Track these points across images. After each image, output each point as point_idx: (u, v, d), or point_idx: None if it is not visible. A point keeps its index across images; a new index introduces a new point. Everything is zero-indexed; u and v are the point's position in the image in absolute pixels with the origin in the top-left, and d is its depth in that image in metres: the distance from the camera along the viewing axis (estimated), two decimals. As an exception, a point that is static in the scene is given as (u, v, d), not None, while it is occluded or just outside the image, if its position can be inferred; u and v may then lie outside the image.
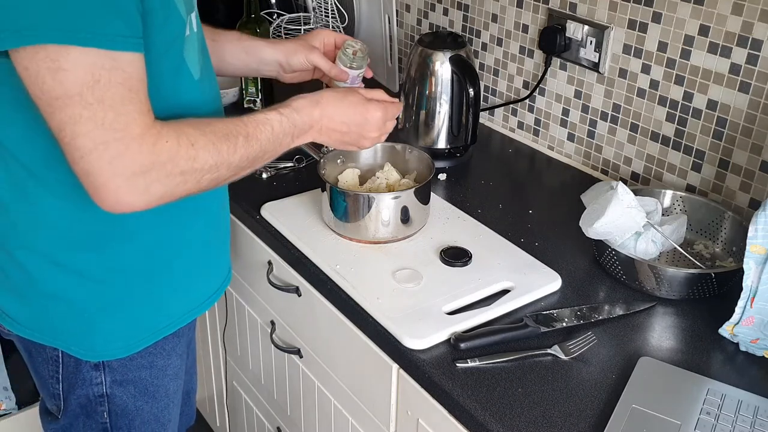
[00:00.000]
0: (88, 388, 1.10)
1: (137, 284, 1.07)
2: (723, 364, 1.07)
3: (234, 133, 0.96)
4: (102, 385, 1.10)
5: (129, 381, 1.12)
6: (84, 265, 1.03)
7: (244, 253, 1.49)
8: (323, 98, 1.10)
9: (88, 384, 1.10)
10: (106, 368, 1.09)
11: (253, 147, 0.98)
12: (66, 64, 0.81)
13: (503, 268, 1.22)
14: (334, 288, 1.20)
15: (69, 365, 1.09)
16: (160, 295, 1.10)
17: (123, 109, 0.85)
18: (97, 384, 1.10)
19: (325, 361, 1.33)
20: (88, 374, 1.09)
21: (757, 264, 1.06)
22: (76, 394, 1.11)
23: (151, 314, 1.10)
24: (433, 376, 1.03)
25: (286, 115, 1.04)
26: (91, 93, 0.83)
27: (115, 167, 0.85)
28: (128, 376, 1.12)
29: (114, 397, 1.12)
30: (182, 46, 0.99)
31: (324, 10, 2.00)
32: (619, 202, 1.16)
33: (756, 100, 1.26)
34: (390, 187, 1.34)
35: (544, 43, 1.57)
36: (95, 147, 0.84)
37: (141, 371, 1.13)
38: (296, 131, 1.06)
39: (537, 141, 1.69)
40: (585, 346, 1.07)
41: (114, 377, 1.11)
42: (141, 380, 1.13)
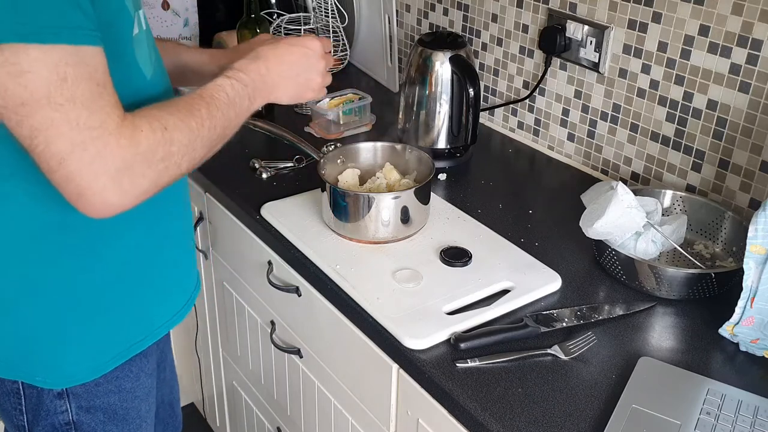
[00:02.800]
0: (53, 418, 1.06)
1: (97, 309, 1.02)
2: (723, 364, 1.07)
3: (196, 106, 0.92)
4: (68, 413, 1.06)
5: (97, 407, 1.08)
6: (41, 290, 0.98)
7: (244, 253, 1.49)
8: (260, 52, 1.06)
9: (52, 413, 1.05)
10: (70, 395, 1.05)
11: (216, 117, 0.95)
12: (28, 65, 0.76)
13: (503, 268, 1.22)
14: (334, 288, 1.20)
15: (31, 396, 1.05)
16: (121, 318, 1.05)
17: (95, 106, 0.80)
18: (61, 412, 1.06)
19: (325, 361, 1.33)
20: (51, 404, 1.05)
21: (757, 264, 1.06)
22: (41, 425, 1.06)
23: (113, 337, 1.06)
24: (433, 376, 1.03)
25: (235, 77, 1.00)
26: (60, 93, 0.78)
27: (97, 167, 0.81)
28: (95, 402, 1.07)
29: (82, 424, 1.08)
30: (132, 45, 0.96)
31: (324, 10, 2.00)
32: (619, 202, 1.16)
33: (756, 100, 1.26)
34: (390, 187, 1.34)
35: (544, 43, 1.57)
36: (73, 149, 0.79)
37: (109, 396, 1.08)
38: (249, 91, 1.02)
39: (537, 141, 1.69)
40: (585, 346, 1.07)
41: (79, 404, 1.06)
42: (110, 405, 1.09)
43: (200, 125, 0.92)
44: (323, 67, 1.13)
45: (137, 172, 0.84)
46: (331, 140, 1.62)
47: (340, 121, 1.67)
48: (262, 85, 1.04)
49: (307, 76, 1.11)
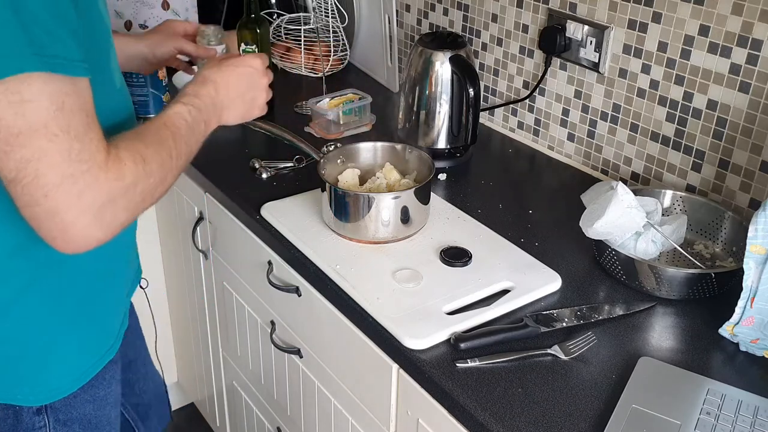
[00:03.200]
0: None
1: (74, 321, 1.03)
2: (723, 364, 1.07)
3: (164, 137, 0.93)
4: (46, 428, 1.06)
5: (73, 419, 1.08)
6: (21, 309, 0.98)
7: (244, 253, 1.49)
8: (207, 76, 1.07)
9: (30, 430, 1.05)
10: (48, 410, 1.04)
11: (181, 145, 0.95)
12: (30, 95, 0.75)
13: (503, 268, 1.22)
14: (334, 288, 1.20)
15: (7, 418, 1.04)
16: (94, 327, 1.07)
17: (86, 138, 0.80)
18: (40, 428, 1.05)
19: (325, 361, 1.33)
20: (30, 421, 1.04)
21: (757, 264, 1.06)
22: None
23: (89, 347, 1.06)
24: (433, 376, 1.03)
25: (191, 103, 1.01)
26: (56, 123, 0.77)
27: (83, 202, 0.79)
28: (72, 414, 1.07)
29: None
30: (109, 55, 0.96)
31: (324, 10, 2.00)
32: (619, 202, 1.16)
33: (756, 100, 1.26)
34: (390, 187, 1.34)
35: (544, 43, 1.57)
36: (62, 182, 0.77)
37: (85, 406, 1.08)
38: (204, 116, 1.02)
39: (537, 141, 1.69)
40: (585, 346, 1.07)
41: (57, 417, 1.06)
42: (85, 416, 1.09)
43: (170, 156, 0.92)
44: (266, 83, 1.15)
45: (120, 205, 0.84)
46: (331, 140, 1.62)
47: (340, 121, 1.67)
48: (213, 108, 1.05)
49: (253, 94, 1.13)
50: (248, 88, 1.12)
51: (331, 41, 2.00)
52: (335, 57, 2.00)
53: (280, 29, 2.03)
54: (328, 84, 1.86)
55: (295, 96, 1.87)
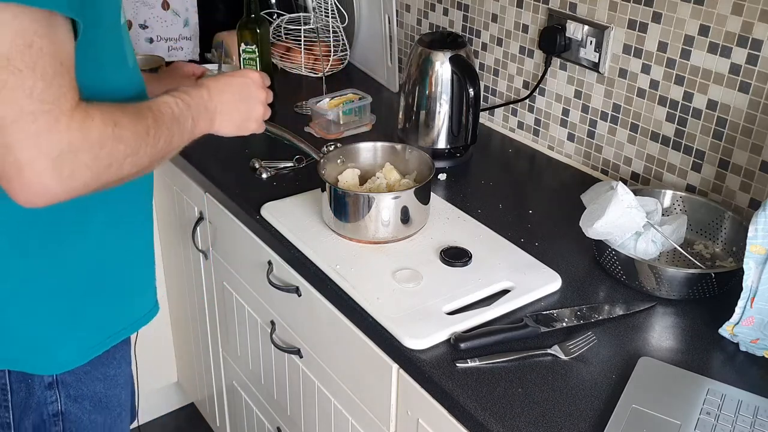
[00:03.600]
0: (43, 409, 1.06)
1: (88, 294, 1.04)
2: (723, 364, 1.07)
3: (144, 114, 0.90)
4: (57, 403, 1.06)
5: (84, 396, 1.09)
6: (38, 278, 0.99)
7: (244, 253, 1.49)
8: (202, 82, 1.07)
9: (42, 404, 1.06)
10: (60, 385, 1.05)
11: (162, 129, 0.92)
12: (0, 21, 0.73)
13: (503, 268, 1.22)
14: (334, 288, 1.20)
15: (19, 390, 1.04)
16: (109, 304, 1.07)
17: (54, 81, 0.77)
18: (51, 403, 1.06)
19: (325, 361, 1.33)
20: (42, 395, 1.05)
21: (757, 264, 1.06)
22: (30, 418, 1.06)
23: (101, 323, 1.07)
24: (433, 376, 1.03)
25: (179, 97, 0.99)
26: (21, 58, 0.74)
27: (41, 144, 0.76)
28: (83, 390, 1.08)
29: (69, 414, 1.08)
30: (120, 33, 0.96)
31: (324, 10, 2.00)
32: (619, 202, 1.16)
33: (756, 100, 1.26)
34: (390, 187, 1.34)
35: (544, 43, 1.57)
36: (20, 117, 0.75)
37: (95, 384, 1.09)
38: (193, 113, 1.00)
39: (537, 141, 1.69)
40: (585, 346, 1.07)
41: (68, 393, 1.07)
42: (95, 394, 1.10)
43: (146, 133, 0.89)
44: (263, 97, 1.14)
45: (81, 160, 0.80)
46: (331, 140, 1.62)
47: (340, 121, 1.67)
48: (204, 110, 1.03)
49: (248, 105, 1.12)
50: (243, 98, 1.11)
51: (331, 41, 2.00)
52: (335, 57, 2.00)
53: (280, 29, 2.03)
54: (328, 84, 1.86)
55: (295, 96, 1.87)
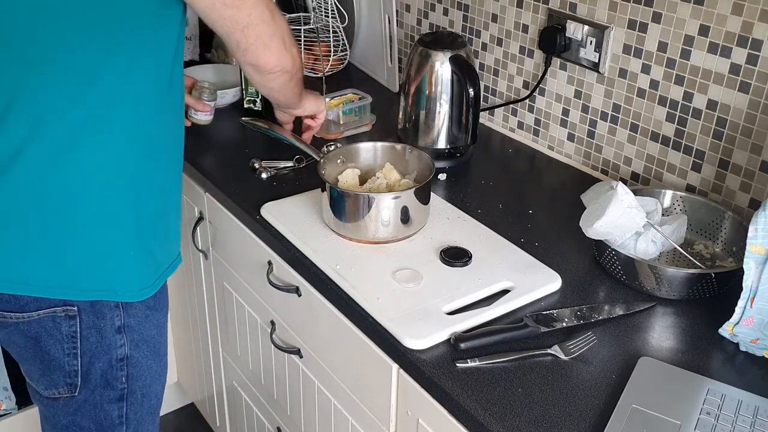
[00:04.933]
0: (112, 353, 1.15)
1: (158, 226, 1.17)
2: (723, 364, 1.07)
3: None
4: (124, 347, 1.16)
5: (144, 340, 1.19)
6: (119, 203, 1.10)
7: (244, 253, 1.49)
8: None
9: (112, 348, 1.15)
10: (127, 329, 1.15)
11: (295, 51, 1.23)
12: None
13: (503, 268, 1.22)
14: (334, 288, 1.20)
15: (89, 337, 1.13)
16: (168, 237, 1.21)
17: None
18: (120, 347, 1.15)
19: (325, 361, 1.33)
20: (113, 338, 1.14)
21: (757, 264, 1.06)
22: (100, 362, 1.15)
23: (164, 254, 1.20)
24: (433, 376, 1.03)
25: None
26: None
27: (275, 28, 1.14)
28: (143, 334, 1.18)
29: (132, 358, 1.18)
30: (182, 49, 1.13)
31: (324, 10, 2.00)
32: (619, 202, 1.16)
33: (756, 100, 1.26)
34: (390, 187, 1.34)
35: (544, 43, 1.57)
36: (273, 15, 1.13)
37: (150, 330, 1.19)
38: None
39: (537, 141, 1.69)
40: (585, 346, 1.07)
41: (132, 337, 1.16)
42: (151, 338, 1.21)
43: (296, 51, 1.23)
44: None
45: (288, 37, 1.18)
46: (331, 140, 1.62)
47: (340, 121, 1.67)
48: None
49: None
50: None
51: (331, 41, 2.00)
52: (335, 57, 2.00)
53: (280, 29, 2.02)
54: (328, 84, 1.86)
55: (295, 96, 1.87)
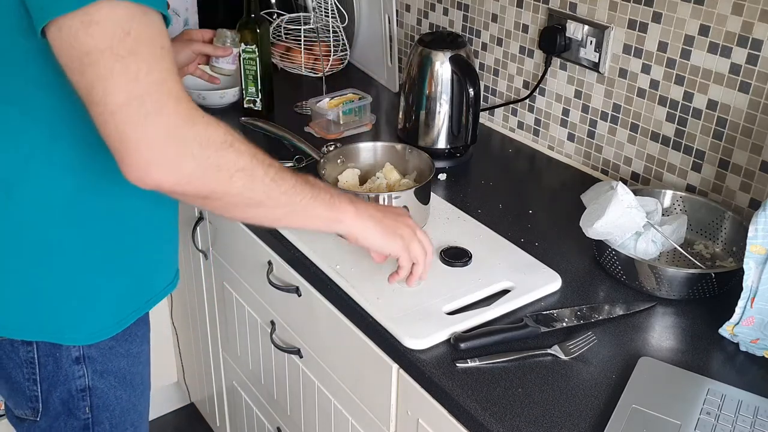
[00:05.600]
0: (71, 383, 1.09)
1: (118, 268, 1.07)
2: (723, 364, 1.07)
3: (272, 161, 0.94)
4: (84, 378, 1.10)
5: (109, 371, 1.12)
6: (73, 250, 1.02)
7: (244, 253, 1.49)
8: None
9: (70, 379, 1.09)
10: (87, 360, 1.09)
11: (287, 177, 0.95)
12: (98, 16, 0.78)
13: (503, 268, 1.22)
14: (334, 288, 1.20)
15: (47, 364, 1.07)
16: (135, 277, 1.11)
17: (156, 66, 0.81)
18: (79, 377, 1.09)
19: (325, 361, 1.33)
20: (70, 369, 1.08)
21: (757, 264, 1.06)
22: (58, 391, 1.09)
23: (128, 296, 1.11)
24: (433, 376, 1.03)
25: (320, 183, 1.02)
26: (123, 45, 0.79)
27: (148, 124, 0.81)
28: (108, 366, 1.11)
29: (96, 389, 1.11)
30: None
31: (324, 10, 2.00)
32: (619, 202, 1.16)
33: (756, 100, 1.26)
34: (390, 187, 1.34)
35: (544, 43, 1.57)
36: (129, 101, 0.80)
37: (120, 360, 1.13)
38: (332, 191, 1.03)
39: (537, 141, 1.69)
40: (585, 346, 1.07)
41: (95, 368, 1.10)
42: (120, 370, 1.13)
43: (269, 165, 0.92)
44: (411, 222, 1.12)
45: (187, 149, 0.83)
46: (331, 140, 1.62)
47: (340, 121, 1.67)
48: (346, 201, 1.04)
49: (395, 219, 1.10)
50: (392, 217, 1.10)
51: (331, 41, 2.00)
52: (335, 57, 2.00)
53: (280, 29, 2.03)
54: (328, 84, 1.86)
55: (295, 96, 1.87)
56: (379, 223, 1.07)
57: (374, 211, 1.08)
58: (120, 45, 0.79)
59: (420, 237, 1.11)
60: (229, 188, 0.89)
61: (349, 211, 1.04)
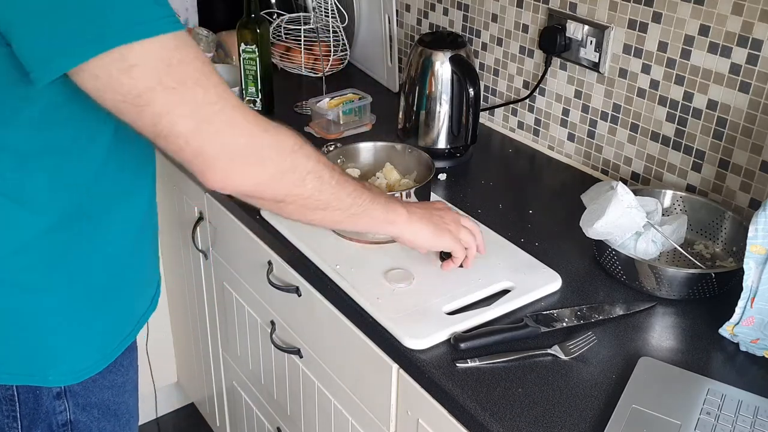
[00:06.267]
0: (52, 418, 1.05)
1: (102, 302, 1.04)
2: (723, 364, 1.07)
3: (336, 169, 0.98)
4: (66, 413, 1.06)
5: (92, 404, 1.08)
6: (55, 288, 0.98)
7: (244, 253, 1.49)
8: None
9: (51, 414, 1.05)
10: (68, 394, 1.05)
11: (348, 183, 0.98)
12: (134, 59, 0.78)
13: (503, 268, 1.22)
14: (334, 288, 1.20)
15: (27, 401, 1.03)
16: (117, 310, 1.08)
17: (209, 83, 0.82)
18: (60, 412, 1.05)
19: (325, 361, 1.33)
20: (51, 404, 1.05)
21: (757, 264, 1.06)
22: (39, 428, 1.06)
23: (112, 329, 1.07)
24: (433, 376, 1.03)
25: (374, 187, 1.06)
26: (171, 78, 0.79)
27: (224, 140, 0.83)
28: (91, 399, 1.08)
29: (78, 423, 1.08)
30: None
31: (324, 10, 2.00)
32: (619, 202, 1.16)
33: (756, 100, 1.26)
34: (390, 187, 1.34)
35: (544, 43, 1.57)
36: (199, 127, 0.81)
37: (103, 392, 1.09)
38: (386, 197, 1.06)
39: (537, 141, 1.69)
40: (585, 346, 1.07)
41: (77, 401, 1.06)
42: (104, 402, 1.10)
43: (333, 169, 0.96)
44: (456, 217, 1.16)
45: (265, 155, 0.86)
46: (331, 140, 1.62)
47: (340, 121, 1.67)
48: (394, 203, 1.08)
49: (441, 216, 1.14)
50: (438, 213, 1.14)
51: (331, 41, 2.00)
52: (335, 57, 2.00)
53: (280, 29, 2.03)
54: (328, 84, 1.86)
55: (295, 96, 1.87)
56: (428, 222, 1.11)
57: (422, 210, 1.11)
58: (168, 78, 0.79)
59: (465, 224, 1.15)
60: (303, 191, 0.92)
61: (402, 214, 1.08)
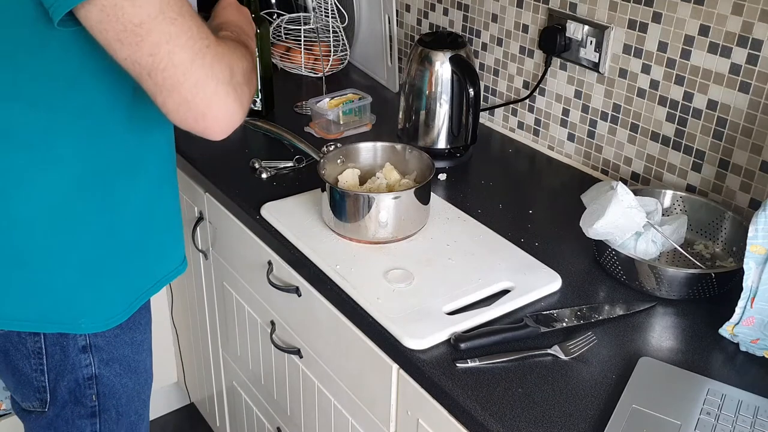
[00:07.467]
0: (78, 372, 1.11)
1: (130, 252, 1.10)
2: (723, 364, 1.07)
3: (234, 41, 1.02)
4: (91, 367, 1.12)
5: (115, 359, 1.14)
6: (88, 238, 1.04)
7: (244, 253, 1.49)
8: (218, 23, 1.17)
9: (78, 368, 1.11)
10: (93, 348, 1.11)
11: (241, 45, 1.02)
12: None
13: (503, 268, 1.22)
14: (334, 288, 1.20)
15: (54, 354, 1.09)
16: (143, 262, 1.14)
17: (198, 20, 0.87)
18: (86, 366, 1.11)
19: (325, 361, 1.33)
20: (77, 358, 1.10)
21: (757, 264, 1.06)
22: (66, 380, 1.11)
23: (137, 280, 1.14)
24: (433, 376, 1.03)
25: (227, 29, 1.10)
26: (170, 8, 0.83)
27: (216, 72, 0.86)
28: (114, 354, 1.14)
29: (102, 377, 1.14)
30: None
31: (324, 10, 2.00)
32: (619, 203, 1.16)
33: (756, 100, 1.26)
34: (390, 187, 1.34)
35: (544, 43, 1.57)
36: (194, 58, 0.85)
37: (124, 348, 1.15)
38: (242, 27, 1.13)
39: (537, 141, 1.69)
40: (585, 346, 1.07)
41: (101, 356, 1.12)
42: (125, 357, 1.15)
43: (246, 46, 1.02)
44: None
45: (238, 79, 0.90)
46: (331, 140, 1.62)
47: (340, 121, 1.67)
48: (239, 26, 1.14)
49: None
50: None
51: (331, 41, 2.00)
52: (335, 57, 2.00)
53: (280, 29, 2.03)
54: (328, 84, 1.87)
55: (295, 96, 1.87)
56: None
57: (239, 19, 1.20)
58: (169, 9, 0.84)
59: None
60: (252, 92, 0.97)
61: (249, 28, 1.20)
